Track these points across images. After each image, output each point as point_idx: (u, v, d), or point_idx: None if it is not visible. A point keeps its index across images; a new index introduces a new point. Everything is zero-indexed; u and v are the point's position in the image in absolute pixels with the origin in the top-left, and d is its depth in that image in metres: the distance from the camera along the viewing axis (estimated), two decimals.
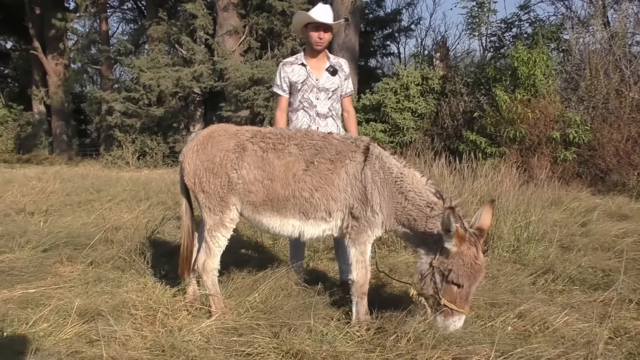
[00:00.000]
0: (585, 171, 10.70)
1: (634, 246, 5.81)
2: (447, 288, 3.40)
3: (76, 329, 3.55)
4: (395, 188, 3.64)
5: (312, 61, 4.68)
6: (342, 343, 3.38)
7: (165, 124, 19.23)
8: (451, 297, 3.38)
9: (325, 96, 4.67)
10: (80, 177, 12.64)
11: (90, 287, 4.50)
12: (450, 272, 3.37)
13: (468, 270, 3.34)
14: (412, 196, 3.61)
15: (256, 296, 4.13)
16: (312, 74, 4.64)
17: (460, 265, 3.34)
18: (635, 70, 11.47)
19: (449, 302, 3.37)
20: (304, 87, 4.63)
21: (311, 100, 4.63)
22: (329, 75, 4.67)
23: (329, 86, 4.68)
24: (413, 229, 3.64)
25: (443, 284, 3.42)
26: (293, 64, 4.67)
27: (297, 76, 4.63)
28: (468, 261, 3.34)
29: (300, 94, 4.64)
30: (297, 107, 4.66)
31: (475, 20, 14.13)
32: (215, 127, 4.09)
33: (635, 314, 4.01)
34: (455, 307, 3.36)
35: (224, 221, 3.87)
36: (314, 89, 4.63)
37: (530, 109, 10.86)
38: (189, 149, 3.95)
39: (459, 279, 3.35)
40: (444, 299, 3.39)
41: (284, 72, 4.66)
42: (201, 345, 3.35)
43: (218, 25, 17.96)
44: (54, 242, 5.67)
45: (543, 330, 3.65)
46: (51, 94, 23.46)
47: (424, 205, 3.58)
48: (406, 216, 3.64)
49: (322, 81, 4.65)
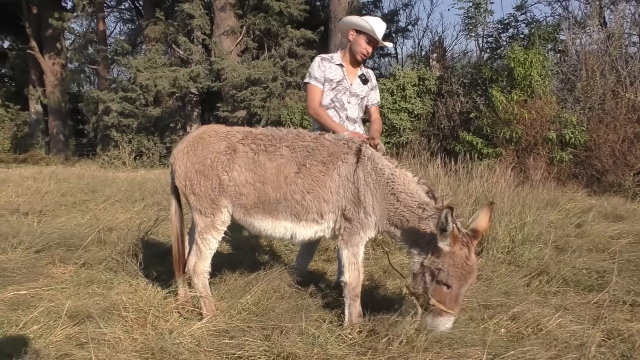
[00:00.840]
0: (581, 172, 10.68)
1: (629, 247, 5.80)
2: (436, 288, 3.39)
3: (66, 331, 3.54)
4: (387, 189, 3.63)
5: (347, 65, 4.61)
6: (333, 346, 3.37)
7: (162, 124, 19.18)
8: (440, 297, 3.37)
9: (356, 101, 4.63)
10: (76, 178, 12.60)
11: (82, 288, 4.48)
12: (440, 271, 3.36)
13: (458, 270, 3.33)
14: (404, 197, 3.59)
15: (248, 298, 4.12)
16: (347, 77, 4.58)
17: (451, 265, 3.33)
18: (632, 71, 11.46)
19: (437, 302, 3.36)
20: (338, 87, 4.56)
21: (343, 102, 4.58)
22: (360, 83, 4.64)
23: (360, 92, 4.64)
24: (406, 230, 3.63)
25: (433, 283, 3.41)
26: (331, 62, 4.57)
27: (333, 74, 4.54)
28: (459, 261, 3.32)
29: (333, 93, 4.56)
30: (328, 105, 4.57)
31: (472, 21, 14.10)
32: (205, 128, 4.06)
33: (629, 316, 4.01)
34: (443, 308, 3.34)
35: (215, 223, 3.85)
36: (347, 92, 4.58)
37: (526, 109, 10.83)
38: (179, 150, 3.92)
39: (448, 279, 3.34)
40: (433, 298, 3.38)
41: (322, 66, 4.54)
42: (191, 348, 3.33)
43: (215, 26, 17.92)
44: (46, 243, 5.65)
45: (536, 333, 3.65)
46: (48, 94, 23.38)
47: (415, 206, 3.57)
48: (399, 217, 3.62)
49: (355, 86, 4.61)
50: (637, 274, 4.92)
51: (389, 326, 3.42)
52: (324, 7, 19.43)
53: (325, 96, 4.56)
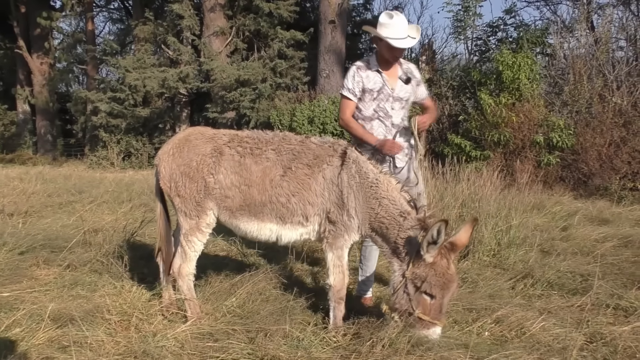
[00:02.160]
0: (568, 175, 10.76)
1: (613, 251, 5.85)
2: (420, 299, 3.40)
3: (49, 334, 3.51)
4: (370, 193, 3.63)
5: (385, 69, 4.34)
6: (317, 349, 3.37)
7: (151, 124, 19.09)
8: (424, 308, 3.38)
9: (399, 106, 4.35)
10: (63, 178, 12.54)
11: (66, 290, 4.45)
12: (423, 282, 3.36)
13: (440, 280, 3.33)
14: (386, 203, 3.59)
15: (233, 301, 4.12)
16: (387, 83, 4.30)
17: (433, 275, 3.33)
18: (618, 75, 11.55)
19: (422, 314, 3.36)
20: (380, 95, 4.29)
21: (387, 110, 4.31)
22: (402, 84, 4.34)
23: (403, 95, 4.35)
24: (385, 238, 3.63)
25: (416, 295, 3.40)
26: (368, 70, 4.31)
27: (372, 83, 4.28)
28: (440, 271, 3.33)
29: (375, 103, 4.30)
30: (372, 117, 4.31)
31: (461, 24, 14.16)
32: (191, 130, 4.05)
33: (611, 319, 4.02)
34: (428, 319, 3.35)
35: (200, 226, 3.84)
36: (390, 98, 4.30)
37: (514, 112, 10.89)
38: (165, 152, 3.91)
39: (431, 289, 3.34)
40: (417, 310, 3.38)
41: (358, 76, 4.30)
42: (175, 351, 3.32)
43: (205, 26, 17.87)
44: (31, 244, 5.60)
45: (520, 336, 3.66)
46: (36, 94, 23.22)
47: (397, 214, 3.57)
48: (378, 223, 3.62)
49: (397, 91, 4.33)
50: (621, 277, 4.95)
51: (373, 329, 3.43)
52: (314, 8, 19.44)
53: (367, 107, 4.32)
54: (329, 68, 15.31)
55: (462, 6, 13.85)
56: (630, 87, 11.32)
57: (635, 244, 6.10)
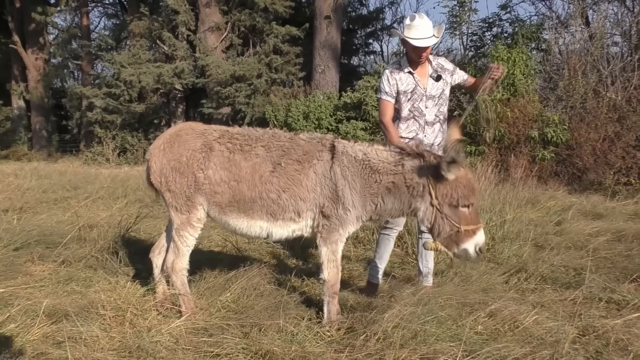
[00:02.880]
0: (562, 170, 10.78)
1: (606, 245, 5.88)
2: (460, 214, 3.56)
3: (44, 329, 3.51)
4: (367, 171, 3.68)
5: (418, 69, 4.50)
6: (311, 343, 3.39)
7: (146, 120, 19.06)
8: (466, 220, 3.56)
9: (432, 103, 4.52)
10: (58, 174, 12.50)
11: (61, 286, 4.45)
12: (458, 199, 3.53)
13: (469, 188, 3.54)
14: (383, 166, 3.68)
15: (228, 296, 4.13)
16: (420, 83, 4.48)
17: (462, 187, 3.52)
18: (613, 71, 11.58)
19: (467, 226, 3.54)
20: (413, 96, 4.48)
21: (421, 109, 4.49)
22: (433, 82, 4.52)
23: (435, 93, 4.52)
24: (399, 193, 3.70)
25: (455, 212, 3.56)
26: (400, 72, 4.49)
27: (405, 85, 4.47)
28: (465, 181, 3.54)
29: (410, 103, 4.49)
30: (408, 116, 4.50)
31: (457, 20, 14.17)
32: (182, 125, 4.08)
33: (604, 312, 4.05)
34: (474, 227, 3.56)
35: (191, 220, 3.85)
36: (423, 97, 4.49)
37: (509, 108, 10.92)
38: (156, 147, 3.92)
39: (467, 200, 3.54)
40: (462, 225, 3.54)
41: (392, 79, 4.48)
42: (169, 346, 3.33)
43: (200, 22, 17.83)
44: (26, 240, 5.58)
45: (513, 329, 3.68)
46: (31, 89, 23.14)
47: (393, 166, 3.67)
48: (388, 188, 3.69)
49: (429, 89, 4.50)
50: (614, 271, 4.99)
51: (367, 323, 3.45)
52: (309, 4, 19.40)
53: (403, 108, 4.50)
54: (325, 63, 15.31)
55: (457, 2, 13.88)
56: (625, 82, 11.35)
57: (628, 238, 6.15)
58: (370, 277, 4.71)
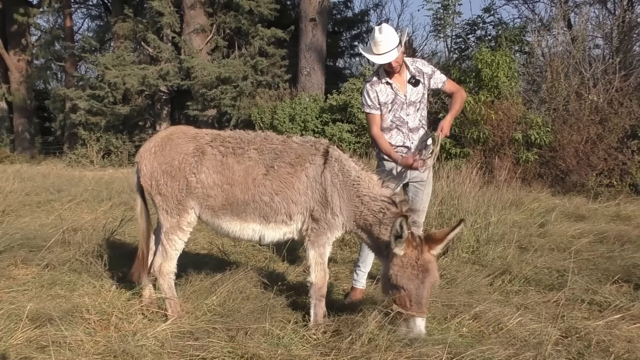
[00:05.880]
0: (546, 172, 10.88)
1: (589, 247, 5.96)
2: (395, 292, 3.47)
3: (27, 334, 3.49)
4: (353, 191, 3.68)
5: (396, 77, 4.51)
6: (297, 346, 3.39)
7: (131, 122, 18.89)
8: (401, 301, 3.44)
9: (413, 109, 4.51)
10: (41, 176, 12.37)
11: (45, 290, 4.42)
12: (392, 277, 3.45)
13: (407, 271, 3.40)
14: (367, 200, 3.65)
15: (214, 299, 4.13)
16: (399, 92, 4.48)
17: (400, 267, 3.42)
18: (595, 73, 11.72)
19: (398, 306, 3.42)
20: (394, 106, 4.49)
21: (403, 117, 4.49)
22: (412, 88, 4.51)
23: (415, 98, 4.52)
24: (370, 234, 3.70)
25: (392, 289, 3.48)
26: (380, 84, 4.51)
27: (385, 96, 4.49)
28: (407, 263, 3.40)
29: (391, 114, 4.50)
30: (390, 127, 4.51)
31: (441, 22, 14.26)
32: (174, 129, 4.06)
33: (586, 314, 4.11)
34: (403, 311, 3.40)
35: (181, 224, 3.85)
36: (404, 105, 4.49)
37: (493, 110, 11.01)
38: (147, 149, 3.91)
39: (398, 281, 3.42)
40: (394, 304, 3.45)
41: (372, 92, 4.50)
42: (155, 350, 3.32)
43: (185, 24, 17.74)
44: (9, 243, 5.52)
45: (497, 331, 3.72)
46: (13, 91, 22.82)
47: (377, 210, 3.63)
48: (363, 220, 3.69)
49: (409, 95, 4.50)
50: (596, 272, 5.05)
51: (353, 326, 3.46)
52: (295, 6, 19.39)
53: (385, 119, 4.51)
54: (310, 66, 15.31)
55: (441, 4, 13.95)
56: (607, 84, 11.49)
57: (610, 240, 6.23)
58: (354, 282, 4.71)
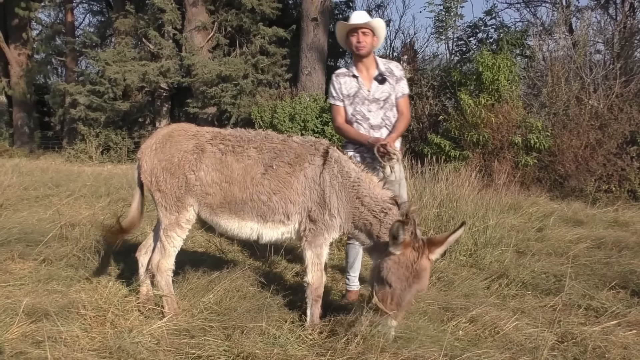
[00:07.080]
0: (545, 176, 10.89)
1: (586, 252, 5.95)
2: (379, 286, 3.47)
3: (23, 329, 3.48)
4: (353, 193, 3.67)
5: (362, 72, 4.48)
6: (293, 346, 3.39)
7: (131, 118, 18.90)
8: (383, 296, 3.43)
9: (376, 107, 4.44)
10: (40, 171, 12.34)
11: (41, 285, 4.42)
12: (383, 269, 3.43)
13: (400, 270, 3.38)
14: (368, 201, 3.64)
15: (211, 297, 4.12)
16: (363, 86, 4.44)
17: (395, 263, 3.39)
18: (595, 78, 11.74)
19: (378, 301, 3.41)
20: (355, 99, 4.44)
21: (364, 112, 4.43)
22: (377, 85, 4.45)
23: (379, 96, 4.44)
24: (369, 234, 3.69)
25: (378, 282, 3.48)
26: (346, 76, 4.49)
27: (348, 88, 4.46)
28: (404, 262, 3.38)
29: (352, 107, 4.46)
30: (350, 120, 4.48)
31: (443, 24, 14.26)
32: (175, 126, 4.07)
33: (583, 319, 4.11)
34: (382, 307, 3.39)
35: (180, 221, 3.85)
36: (365, 101, 4.43)
37: (493, 113, 11.00)
38: (148, 146, 3.92)
39: (388, 277, 3.40)
40: (376, 296, 3.44)
41: (337, 83, 4.49)
42: (151, 347, 3.31)
43: (186, 21, 17.73)
44: (6, 238, 5.52)
45: (493, 335, 3.72)
46: (13, 85, 22.79)
47: (378, 211, 3.62)
48: (363, 221, 3.67)
49: (373, 92, 4.44)
50: (593, 278, 5.04)
51: (348, 326, 3.45)
52: (297, 5, 19.40)
53: (347, 112, 4.49)
54: (311, 65, 15.30)
55: (443, 6, 13.95)
56: (607, 90, 11.51)
57: (608, 246, 6.22)
58: (347, 286, 4.72)
